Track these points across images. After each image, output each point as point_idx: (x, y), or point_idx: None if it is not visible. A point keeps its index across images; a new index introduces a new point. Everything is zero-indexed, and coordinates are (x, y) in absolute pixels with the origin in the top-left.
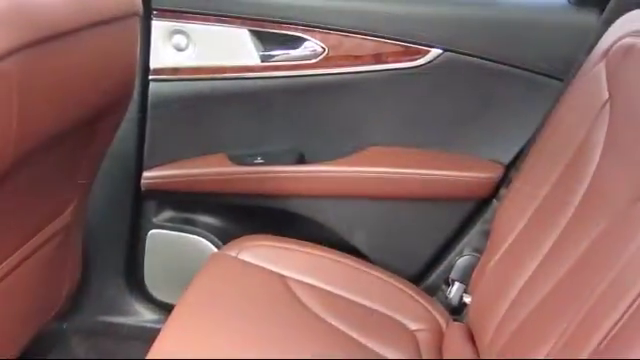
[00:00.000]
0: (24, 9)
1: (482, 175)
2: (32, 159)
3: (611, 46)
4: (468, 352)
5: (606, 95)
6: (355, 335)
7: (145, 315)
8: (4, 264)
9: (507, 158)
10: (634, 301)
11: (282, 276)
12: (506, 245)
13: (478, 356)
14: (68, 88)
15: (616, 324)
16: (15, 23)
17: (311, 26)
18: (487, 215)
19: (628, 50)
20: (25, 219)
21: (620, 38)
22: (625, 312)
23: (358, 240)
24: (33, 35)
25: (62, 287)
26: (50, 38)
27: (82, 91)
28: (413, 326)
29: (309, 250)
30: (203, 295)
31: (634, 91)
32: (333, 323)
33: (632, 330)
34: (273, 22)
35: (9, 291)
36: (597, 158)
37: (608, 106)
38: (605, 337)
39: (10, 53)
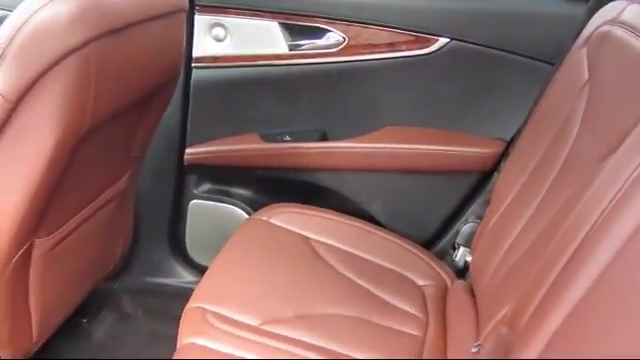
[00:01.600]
0: (100, 6)
1: (485, 151)
2: (99, 130)
3: (592, 33)
4: (468, 306)
5: (586, 76)
6: (369, 287)
7: (186, 277)
8: (72, 221)
9: (508, 135)
10: (590, 230)
11: (306, 237)
12: (502, 210)
13: (476, 309)
14: (130, 71)
15: (577, 255)
16: (94, 18)
17: (333, 19)
18: (490, 186)
19: (604, 36)
20: (91, 182)
21: (599, 26)
22: (582, 242)
23: (375, 209)
24: (106, 27)
25: (116, 247)
26: (118, 30)
27: (139, 74)
28: (421, 282)
29: (330, 216)
30: (238, 250)
31: (605, 72)
32: (350, 277)
33: (585, 254)
34: (300, 15)
35: (73, 246)
36: (575, 130)
37: (587, 86)
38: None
39: (90, 41)
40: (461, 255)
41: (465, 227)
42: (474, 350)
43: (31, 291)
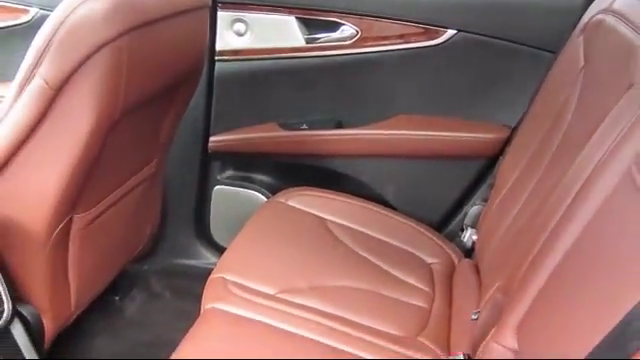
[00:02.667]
0: (131, 3)
1: (492, 136)
2: (130, 117)
3: (588, 22)
4: (473, 281)
5: (582, 63)
6: (380, 264)
7: (210, 258)
8: (106, 200)
9: (513, 121)
10: (567, 207)
11: (321, 218)
12: (504, 192)
13: (480, 286)
14: (157, 62)
15: (556, 228)
16: (125, 13)
17: (347, 13)
18: (495, 170)
19: (598, 24)
20: (122, 165)
21: (594, 15)
22: (561, 217)
23: (387, 193)
24: (137, 21)
25: (145, 229)
26: (147, 24)
27: (166, 65)
28: (430, 260)
29: (344, 199)
30: (257, 229)
31: (597, 58)
32: (362, 254)
33: (562, 227)
34: (315, 10)
35: (107, 224)
36: (570, 115)
37: (583, 72)
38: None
39: (122, 35)
40: (469, 236)
41: (473, 209)
42: (474, 317)
43: (70, 263)
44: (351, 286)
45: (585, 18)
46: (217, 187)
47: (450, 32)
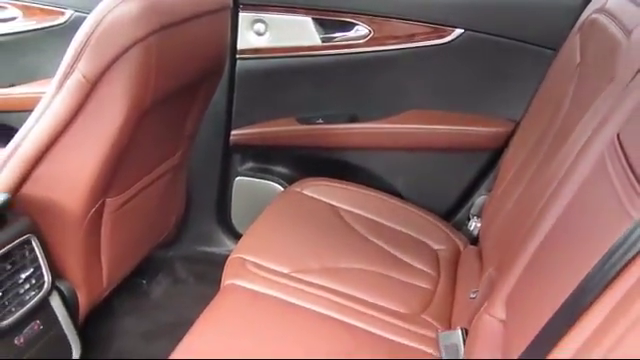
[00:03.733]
0: (160, 5)
1: (497, 130)
2: (158, 109)
3: (584, 21)
4: (476, 266)
5: (578, 59)
6: (389, 249)
7: (231, 246)
8: (135, 186)
9: (518, 115)
10: (557, 184)
11: (334, 206)
12: (506, 182)
13: (482, 270)
14: (183, 59)
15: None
16: (155, 14)
17: (360, 13)
18: (500, 162)
19: (593, 23)
20: (150, 154)
21: (590, 14)
22: (547, 200)
23: (397, 184)
24: (165, 21)
25: (171, 216)
26: (174, 24)
27: (191, 62)
28: (436, 246)
29: (356, 189)
30: (274, 215)
31: (590, 55)
32: (372, 240)
33: (547, 208)
34: (330, 11)
35: (136, 209)
36: (566, 109)
37: (579, 68)
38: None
39: (152, 34)
40: (474, 225)
41: (479, 199)
42: (472, 296)
43: (102, 243)
44: (361, 268)
45: (582, 17)
46: (238, 178)
47: (457, 31)
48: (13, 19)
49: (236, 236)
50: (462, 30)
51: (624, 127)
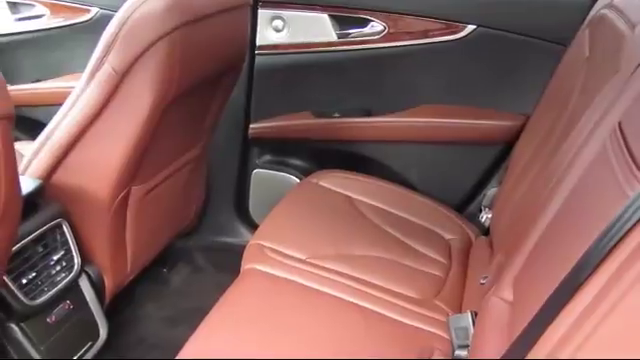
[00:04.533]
0: (183, 2)
1: (509, 124)
2: (181, 102)
3: (593, 16)
4: (487, 256)
5: (587, 53)
6: (402, 238)
7: (248, 236)
8: (158, 175)
9: (529, 109)
10: (563, 171)
11: (349, 197)
12: (515, 174)
13: (492, 258)
14: (205, 53)
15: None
16: (179, 11)
17: (375, 10)
18: (511, 155)
19: (601, 18)
20: (173, 145)
21: (599, 10)
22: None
23: (411, 176)
24: (188, 18)
25: (191, 207)
26: (197, 20)
27: (212, 56)
28: (448, 236)
29: (371, 181)
30: (291, 205)
31: (599, 49)
32: (386, 229)
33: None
34: (346, 8)
35: (159, 198)
36: (574, 102)
37: (587, 62)
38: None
39: (176, 29)
40: (486, 216)
41: (490, 191)
42: (482, 282)
43: (127, 230)
44: (375, 255)
45: (592, 13)
46: (256, 170)
47: (470, 27)
48: (41, 17)
49: (254, 227)
50: (475, 26)
51: (625, 115)
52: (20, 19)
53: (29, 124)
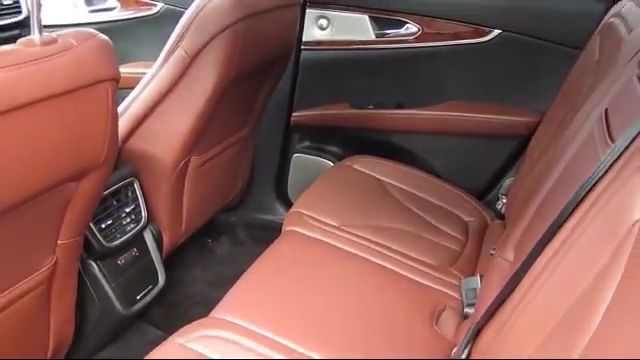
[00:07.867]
0: None
1: (527, 119)
2: (236, 86)
3: (604, 24)
4: (499, 236)
5: (597, 57)
6: (425, 216)
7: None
8: (213, 149)
9: (545, 107)
10: (558, 151)
11: (379, 179)
12: (529, 165)
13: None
14: (261, 43)
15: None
16: (242, 5)
17: (410, 13)
18: (528, 148)
19: (610, 26)
20: (227, 123)
21: (609, 18)
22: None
23: (437, 164)
24: (249, 11)
25: (237, 183)
26: (256, 14)
27: (267, 46)
28: (466, 218)
29: (400, 167)
30: (327, 182)
31: (606, 53)
32: (411, 207)
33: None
34: (384, 10)
35: (212, 170)
36: (582, 97)
37: (596, 64)
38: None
39: (239, 21)
40: (502, 203)
41: (507, 181)
42: (492, 252)
43: (185, 195)
44: (399, 227)
45: (604, 21)
46: (296, 155)
47: (496, 32)
48: (112, 9)
49: (291, 206)
50: (500, 31)
51: (611, 103)
52: (93, 11)
53: None
